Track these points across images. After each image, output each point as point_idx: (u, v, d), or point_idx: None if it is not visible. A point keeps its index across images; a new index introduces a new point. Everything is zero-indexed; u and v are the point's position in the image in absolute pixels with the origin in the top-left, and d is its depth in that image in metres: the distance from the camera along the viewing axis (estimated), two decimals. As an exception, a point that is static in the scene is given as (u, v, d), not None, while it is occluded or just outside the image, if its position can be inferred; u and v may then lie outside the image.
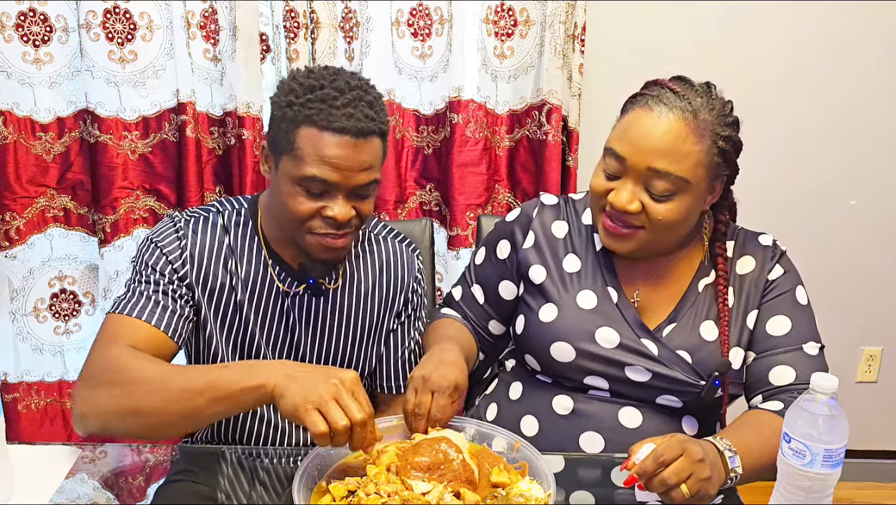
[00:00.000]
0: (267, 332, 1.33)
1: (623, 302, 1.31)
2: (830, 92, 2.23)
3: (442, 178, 2.10)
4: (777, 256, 1.32)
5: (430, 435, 1.09)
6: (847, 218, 2.34)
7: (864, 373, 2.48)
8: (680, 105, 1.19)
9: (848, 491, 1.13)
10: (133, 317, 1.21)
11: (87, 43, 1.87)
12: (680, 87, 1.22)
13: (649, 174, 1.19)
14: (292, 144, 1.18)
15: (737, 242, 1.35)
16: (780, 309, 1.29)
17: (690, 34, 2.15)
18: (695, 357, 1.26)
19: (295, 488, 1.00)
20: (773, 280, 1.30)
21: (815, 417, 0.95)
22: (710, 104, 1.22)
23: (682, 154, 1.18)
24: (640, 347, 1.27)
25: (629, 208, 1.21)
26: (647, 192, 1.21)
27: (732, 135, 1.24)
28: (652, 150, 1.18)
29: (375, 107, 1.20)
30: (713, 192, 1.28)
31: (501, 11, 2.01)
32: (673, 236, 1.28)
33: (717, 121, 1.21)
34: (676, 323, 1.30)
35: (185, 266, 1.27)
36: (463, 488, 1.00)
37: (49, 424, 2.12)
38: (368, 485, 0.99)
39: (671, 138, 1.18)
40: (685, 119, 1.18)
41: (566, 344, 1.28)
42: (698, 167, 1.20)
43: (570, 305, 1.31)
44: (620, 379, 1.28)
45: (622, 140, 1.22)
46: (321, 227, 1.22)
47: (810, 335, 1.28)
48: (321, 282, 1.34)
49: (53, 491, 1.11)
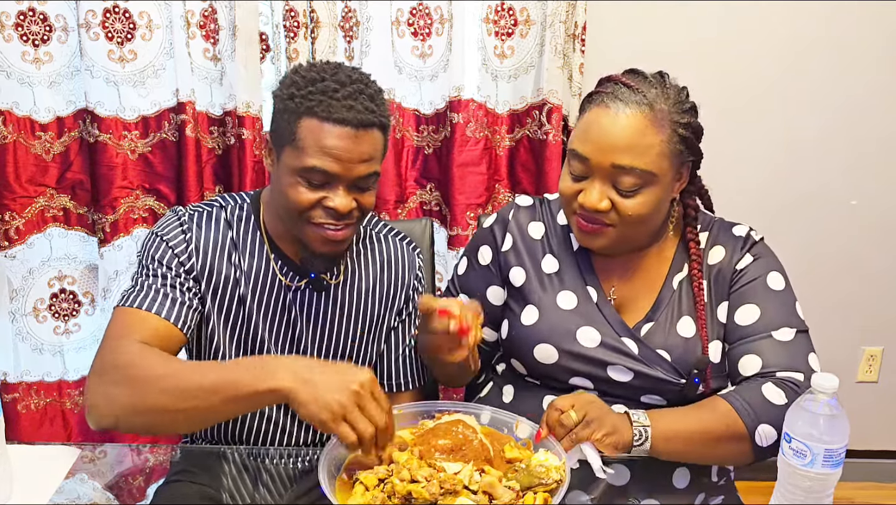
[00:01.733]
0: (269, 326, 1.33)
1: (602, 300, 1.32)
2: (830, 92, 2.23)
3: (442, 178, 2.10)
4: (748, 245, 1.31)
5: (443, 420, 1.14)
6: (847, 218, 2.33)
7: (865, 373, 2.48)
8: (635, 99, 1.19)
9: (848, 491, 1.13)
10: (143, 309, 1.21)
11: (86, 42, 1.87)
12: (633, 80, 1.23)
13: (614, 171, 1.20)
14: (294, 136, 1.19)
15: (710, 233, 1.34)
16: (748, 297, 1.28)
17: (690, 34, 2.15)
18: (674, 355, 1.27)
19: (324, 483, 1.00)
20: (741, 269, 1.29)
21: (815, 417, 0.95)
22: (665, 93, 1.22)
23: (643, 147, 1.19)
24: (621, 345, 1.28)
25: (599, 207, 1.21)
26: (614, 188, 1.21)
27: (691, 121, 1.24)
28: (613, 148, 1.19)
29: (376, 100, 1.21)
30: (680, 179, 1.28)
31: (502, 11, 2.00)
32: (645, 229, 1.29)
33: (674, 109, 1.21)
34: (654, 322, 1.30)
35: (191, 259, 1.28)
36: (486, 466, 1.05)
37: (49, 424, 2.11)
38: (402, 471, 1.00)
39: (631, 133, 1.18)
40: (642, 112, 1.19)
41: (549, 346, 1.29)
42: (662, 158, 1.20)
43: (550, 306, 1.32)
44: (604, 379, 1.29)
45: (583, 140, 1.22)
46: (322, 218, 1.22)
47: (783, 320, 1.25)
48: (323, 277, 1.34)
49: (53, 491, 1.11)
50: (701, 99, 1.28)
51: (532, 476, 1.04)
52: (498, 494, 1.00)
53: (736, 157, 2.23)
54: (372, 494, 1.00)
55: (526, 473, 1.04)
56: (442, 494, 0.98)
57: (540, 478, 1.04)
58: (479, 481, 1.01)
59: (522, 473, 1.05)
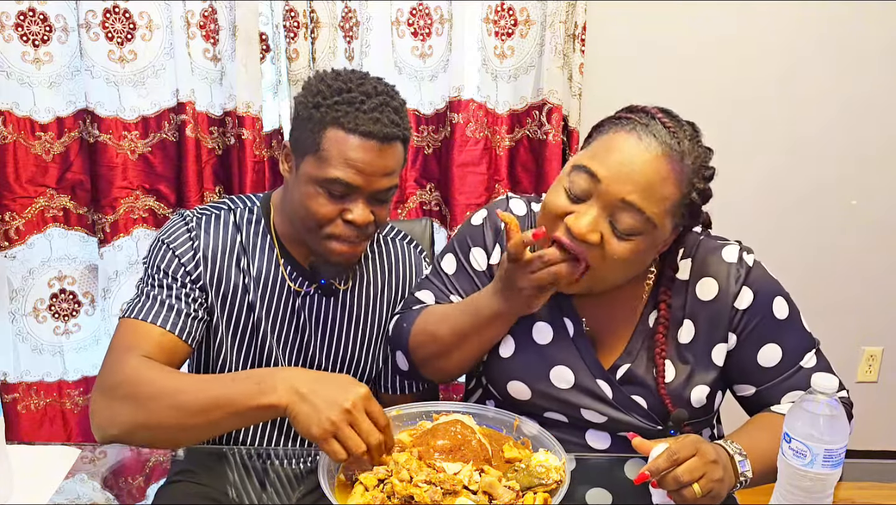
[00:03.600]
0: (277, 331, 1.33)
1: (579, 334, 1.23)
2: (831, 92, 2.23)
3: (442, 178, 2.10)
4: (742, 276, 1.21)
5: (441, 420, 1.14)
6: (848, 218, 2.34)
7: (865, 373, 2.48)
8: (670, 143, 1.10)
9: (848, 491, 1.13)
10: (147, 322, 1.21)
11: (86, 43, 1.87)
12: (671, 122, 1.13)
13: (620, 206, 1.09)
14: (318, 145, 1.18)
15: (695, 260, 1.23)
16: (764, 337, 1.21)
17: (691, 34, 2.15)
18: (649, 402, 1.20)
19: (324, 483, 1.01)
20: (743, 310, 1.21)
21: (815, 417, 0.95)
22: (696, 151, 1.13)
23: (659, 196, 1.09)
24: (595, 388, 1.21)
25: (588, 238, 1.10)
26: (610, 225, 1.11)
27: (706, 188, 1.15)
28: (631, 181, 1.08)
29: (400, 112, 1.21)
30: (666, 243, 1.19)
31: (501, 11, 2.00)
32: (621, 277, 1.18)
33: (697, 171, 1.13)
34: (631, 363, 1.22)
35: (199, 268, 1.27)
36: (485, 466, 1.05)
37: (49, 425, 2.11)
38: (402, 472, 1.01)
39: (653, 174, 1.08)
40: (672, 159, 1.09)
41: (522, 384, 1.24)
42: (668, 215, 1.12)
43: (525, 340, 1.25)
44: (578, 417, 1.24)
45: (601, 161, 1.10)
46: (339, 230, 1.22)
47: (803, 347, 1.22)
48: (332, 282, 1.34)
49: (53, 491, 1.11)
50: (701, 99, 1.27)
51: (532, 476, 1.04)
52: (498, 494, 1.00)
53: (736, 157, 2.23)
54: (372, 494, 1.00)
55: (526, 474, 1.04)
56: (442, 494, 0.98)
57: (540, 478, 1.04)
58: (479, 481, 1.01)
59: (522, 473, 1.05)
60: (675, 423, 1.19)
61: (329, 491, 1.00)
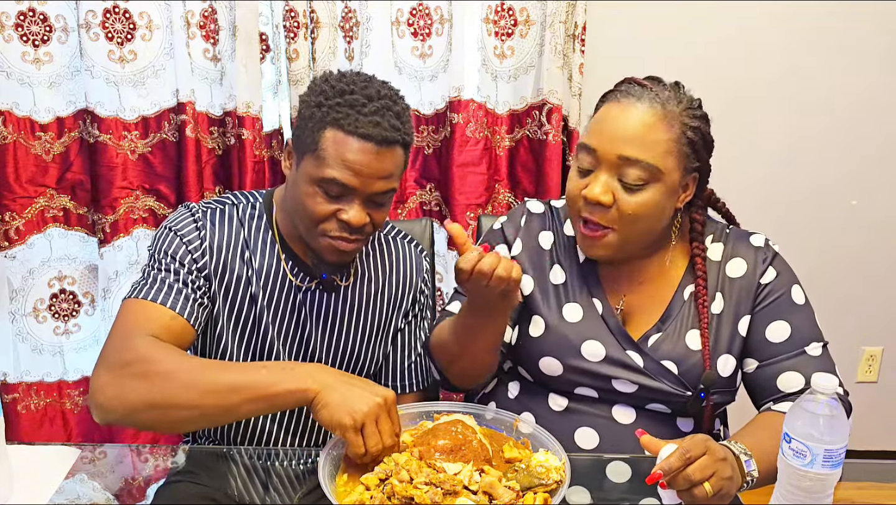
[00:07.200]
0: (278, 326, 1.33)
1: (607, 312, 1.31)
2: (831, 92, 2.23)
3: (442, 178, 2.10)
4: (769, 258, 1.31)
5: (442, 420, 1.15)
6: (848, 218, 2.33)
7: (865, 373, 2.48)
8: (647, 96, 1.21)
9: (848, 491, 1.13)
10: (156, 302, 1.21)
11: (86, 43, 1.87)
12: (649, 82, 1.25)
13: (621, 163, 1.20)
14: (316, 145, 1.19)
15: (726, 244, 1.34)
16: (777, 314, 1.28)
17: (691, 34, 2.15)
18: (681, 368, 1.26)
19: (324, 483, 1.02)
20: (765, 284, 1.29)
21: (815, 417, 0.95)
22: (678, 97, 1.23)
23: (651, 141, 1.20)
24: (625, 358, 1.28)
25: (602, 199, 1.21)
26: (620, 182, 1.21)
27: (702, 126, 1.24)
28: (621, 139, 1.20)
29: (402, 117, 1.21)
30: (686, 190, 1.28)
31: (501, 11, 2.00)
32: (645, 233, 1.27)
33: (685, 112, 1.22)
34: (662, 332, 1.29)
35: (205, 257, 1.28)
36: (485, 466, 1.06)
37: (48, 425, 2.11)
38: (402, 472, 1.01)
39: (638, 125, 1.20)
40: (653, 108, 1.20)
41: (554, 359, 1.30)
42: (668, 155, 1.21)
43: (556, 319, 1.32)
44: (609, 390, 1.29)
45: (594, 134, 1.24)
46: (334, 230, 1.23)
47: (811, 336, 1.27)
48: (333, 278, 1.35)
49: (53, 491, 1.11)
50: (701, 99, 1.28)
51: (532, 476, 1.04)
52: (498, 494, 1.00)
53: (736, 156, 2.23)
54: (372, 494, 1.00)
55: (526, 474, 1.05)
56: (442, 494, 0.99)
57: (540, 478, 1.04)
58: (479, 482, 1.01)
59: (522, 473, 1.05)
60: (706, 384, 1.24)
61: (329, 491, 1.00)
